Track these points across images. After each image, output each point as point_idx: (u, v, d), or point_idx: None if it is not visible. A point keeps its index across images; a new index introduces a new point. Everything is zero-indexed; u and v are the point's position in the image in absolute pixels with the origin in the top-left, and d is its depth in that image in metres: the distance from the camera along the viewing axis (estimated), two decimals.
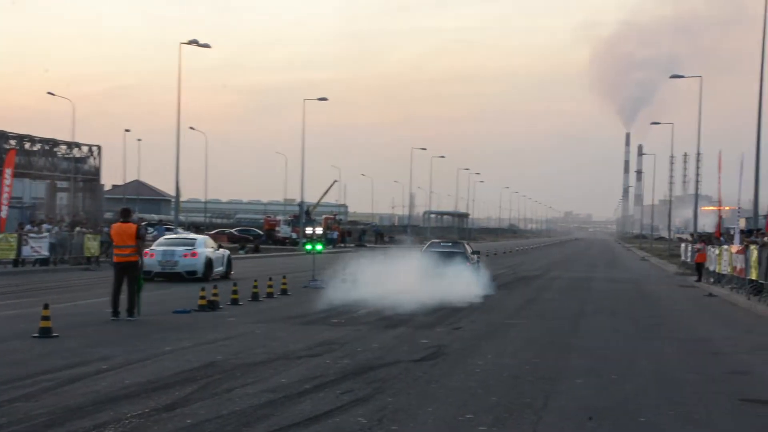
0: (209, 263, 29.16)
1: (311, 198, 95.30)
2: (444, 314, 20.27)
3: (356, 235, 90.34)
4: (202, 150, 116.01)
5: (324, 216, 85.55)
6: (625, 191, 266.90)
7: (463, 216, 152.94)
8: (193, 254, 28.82)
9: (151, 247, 29.54)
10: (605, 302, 25.61)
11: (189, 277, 28.63)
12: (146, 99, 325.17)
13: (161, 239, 31.52)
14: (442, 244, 31.95)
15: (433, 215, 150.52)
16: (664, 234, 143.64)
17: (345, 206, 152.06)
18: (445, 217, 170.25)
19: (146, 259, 27.54)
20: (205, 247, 29.71)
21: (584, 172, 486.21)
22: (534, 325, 18.42)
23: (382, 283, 25.80)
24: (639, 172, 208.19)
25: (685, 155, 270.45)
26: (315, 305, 21.66)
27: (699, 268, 36.23)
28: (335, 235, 78.04)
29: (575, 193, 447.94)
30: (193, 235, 32.77)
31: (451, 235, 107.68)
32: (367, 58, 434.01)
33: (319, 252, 31.57)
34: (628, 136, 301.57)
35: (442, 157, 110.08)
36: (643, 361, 13.47)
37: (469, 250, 30.98)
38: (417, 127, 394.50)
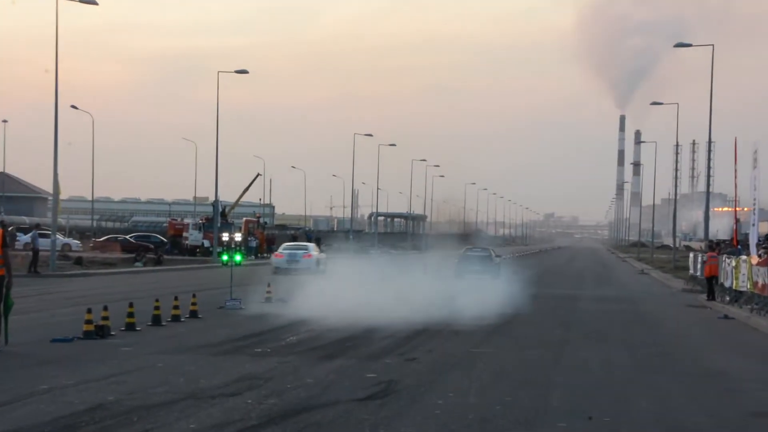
0: (317, 262, 48.82)
1: (228, 196, 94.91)
2: (396, 341, 20.35)
3: (285, 241, 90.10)
4: (88, 135, 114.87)
5: (244, 218, 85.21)
6: (620, 188, 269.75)
7: (419, 219, 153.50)
8: (309, 256, 48.69)
9: (279, 250, 51.95)
10: (595, 326, 25.87)
11: (305, 272, 45.78)
12: (13, 69, 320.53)
13: (284, 245, 53.98)
14: (474, 249, 50.09)
15: (381, 218, 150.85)
16: (668, 241, 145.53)
17: (271, 206, 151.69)
18: (396, 220, 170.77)
19: (276, 259, 49.94)
20: (314, 251, 50.25)
21: (569, 165, 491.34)
22: (506, 356, 18.56)
23: (320, 301, 26.02)
24: (637, 165, 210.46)
25: (694, 144, 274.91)
26: (233, 330, 21.65)
27: (710, 284, 36.75)
28: (256, 242, 77.87)
29: (558, 191, 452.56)
30: (305, 243, 55.37)
31: (403, 242, 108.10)
32: (293, 20, 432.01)
33: (238, 264, 31.71)
34: (622, 119, 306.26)
35: (392, 145, 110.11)
36: (641, 400, 13.62)
37: (493, 253, 49.31)
38: (360, 109, 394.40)
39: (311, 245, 53.33)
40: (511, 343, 20.95)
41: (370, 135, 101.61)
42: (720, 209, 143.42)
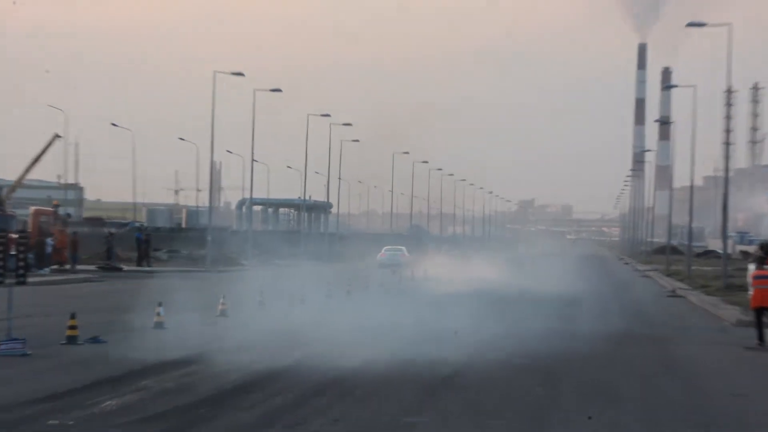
0: (408, 260, 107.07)
1: (7, 172, 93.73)
2: (288, 401, 20.50)
3: (96, 245, 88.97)
4: None
5: (33, 208, 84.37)
6: (638, 161, 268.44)
7: (320, 209, 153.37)
8: (403, 255, 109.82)
9: (383, 251, 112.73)
10: (599, 381, 26.10)
11: (400, 267, 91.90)
12: None
13: (385, 248, 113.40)
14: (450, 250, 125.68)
15: (258, 207, 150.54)
16: (715, 244, 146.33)
17: (78, 188, 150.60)
18: (283, 210, 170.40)
19: (380, 257, 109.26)
20: (406, 252, 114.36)
21: (558, 126, 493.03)
22: (458, 429, 18.62)
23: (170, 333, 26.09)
24: (665, 123, 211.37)
25: (756, 89, 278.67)
26: (12, 390, 21.46)
27: (759, 319, 36.53)
28: (51, 246, 76.79)
29: (541, 167, 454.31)
30: (399, 246, 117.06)
31: (296, 248, 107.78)
32: None
33: (22, 282, 31.30)
34: (642, 50, 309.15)
35: (276, 91, 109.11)
36: None
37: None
38: (222, 34, 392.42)
39: (403, 247, 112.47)
40: (466, 406, 20.98)
41: (240, 74, 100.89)
42: None
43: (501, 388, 23.87)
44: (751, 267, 43.21)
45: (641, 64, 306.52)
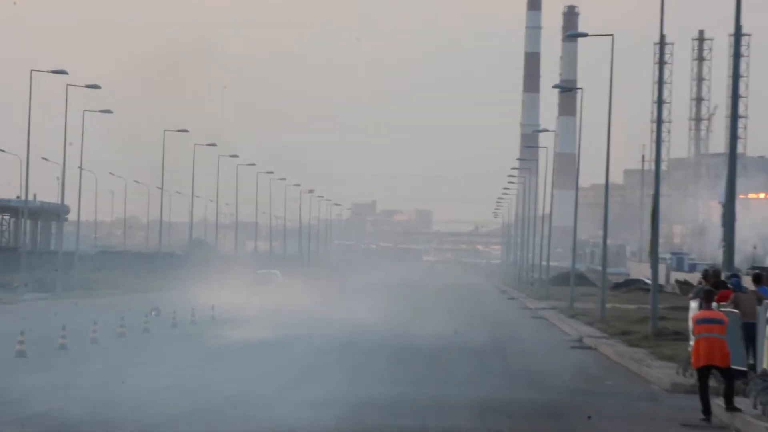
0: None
1: None
2: None
3: None
4: None
5: None
6: (529, 144, 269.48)
7: (51, 214, 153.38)
8: (277, 279, 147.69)
9: (255, 275, 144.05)
10: None
11: None
12: None
13: (257, 272, 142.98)
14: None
15: None
16: (640, 270, 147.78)
17: None
18: None
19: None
20: (280, 276, 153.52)
21: (409, 98, 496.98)
22: None
23: None
24: (567, 90, 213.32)
25: (701, 40, 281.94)
26: None
27: (704, 384, 36.85)
28: None
29: (386, 159, 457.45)
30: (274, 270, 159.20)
31: (12, 275, 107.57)
32: None
33: None
34: None
35: None
36: None
37: None
38: None
39: (277, 271, 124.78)
40: None
41: None
42: (762, 195, 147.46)
43: None
44: (694, 305, 43.81)
45: (534, 3, 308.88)
